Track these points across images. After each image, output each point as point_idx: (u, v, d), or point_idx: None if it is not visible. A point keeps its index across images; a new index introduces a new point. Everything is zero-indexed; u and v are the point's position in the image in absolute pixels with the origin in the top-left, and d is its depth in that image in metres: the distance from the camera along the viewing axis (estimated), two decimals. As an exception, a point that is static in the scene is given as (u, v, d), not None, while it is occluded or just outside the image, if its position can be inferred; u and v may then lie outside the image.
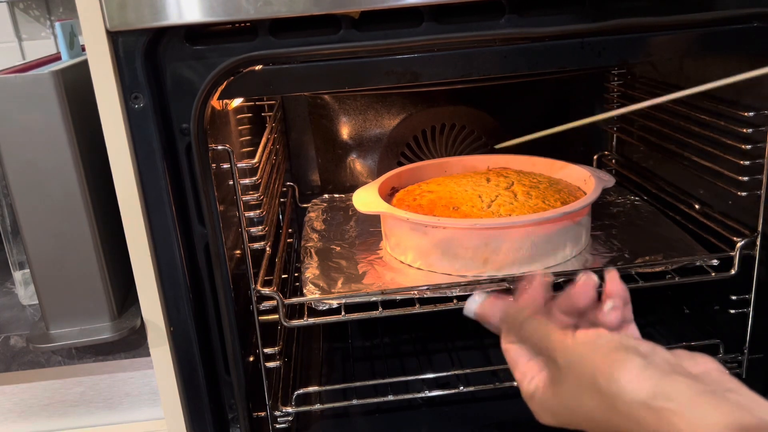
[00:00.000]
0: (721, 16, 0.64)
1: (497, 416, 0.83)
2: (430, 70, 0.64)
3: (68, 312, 0.68)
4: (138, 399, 0.87)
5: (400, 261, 0.86)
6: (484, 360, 0.93)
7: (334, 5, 0.58)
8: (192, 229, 0.67)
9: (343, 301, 0.78)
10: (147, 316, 0.68)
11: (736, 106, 0.81)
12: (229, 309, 0.70)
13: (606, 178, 0.90)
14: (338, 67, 0.63)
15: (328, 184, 1.18)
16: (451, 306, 0.77)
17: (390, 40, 0.62)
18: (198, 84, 0.61)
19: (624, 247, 0.87)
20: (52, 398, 0.86)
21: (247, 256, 0.72)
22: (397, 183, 0.97)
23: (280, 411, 0.80)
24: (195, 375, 0.71)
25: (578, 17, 0.63)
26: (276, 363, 0.77)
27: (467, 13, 0.61)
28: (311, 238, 0.96)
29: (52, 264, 0.66)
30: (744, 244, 0.79)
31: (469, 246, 0.79)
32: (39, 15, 1.11)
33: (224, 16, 0.58)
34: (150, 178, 0.64)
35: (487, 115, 1.14)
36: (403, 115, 1.13)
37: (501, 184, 0.87)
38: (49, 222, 0.65)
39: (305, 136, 1.17)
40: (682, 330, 0.96)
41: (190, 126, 0.62)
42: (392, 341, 0.99)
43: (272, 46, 0.61)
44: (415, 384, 0.86)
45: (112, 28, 0.58)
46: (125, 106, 0.61)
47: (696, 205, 0.91)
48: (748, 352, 0.84)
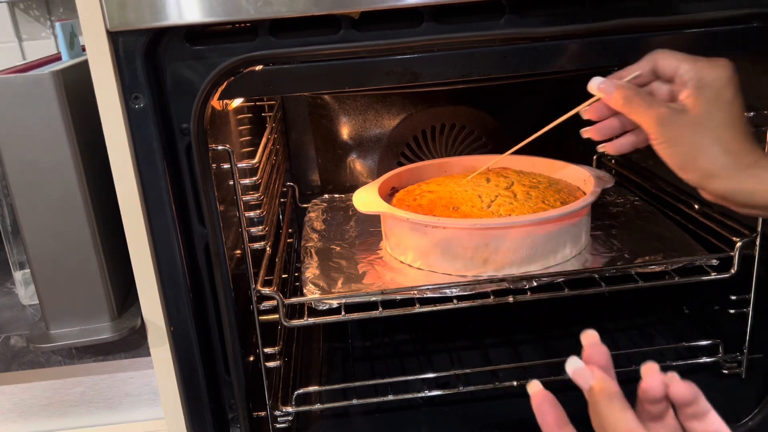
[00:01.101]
0: (721, 16, 0.64)
1: (497, 416, 0.83)
2: (430, 70, 0.64)
3: (68, 312, 0.68)
4: (138, 399, 0.87)
5: (400, 261, 0.86)
6: (484, 360, 0.93)
7: (334, 5, 0.58)
8: (192, 229, 0.67)
9: (343, 301, 0.78)
10: (147, 316, 0.68)
11: (736, 106, 0.80)
12: (229, 309, 0.70)
13: (606, 179, 0.90)
14: (338, 67, 0.63)
15: (328, 184, 1.18)
16: (451, 306, 0.77)
17: (390, 40, 0.62)
18: (198, 84, 0.61)
19: (624, 247, 0.87)
20: (52, 398, 0.86)
21: (247, 256, 0.72)
22: (397, 183, 0.97)
23: (280, 411, 0.80)
24: (195, 375, 0.71)
25: (578, 17, 0.63)
26: (276, 363, 0.77)
27: (467, 13, 0.61)
28: (311, 238, 0.96)
29: (52, 264, 0.66)
30: (743, 244, 0.79)
31: (469, 246, 0.79)
32: (39, 15, 1.11)
33: (224, 16, 0.58)
34: (150, 178, 0.64)
35: (487, 115, 1.14)
36: (403, 115, 1.13)
37: (501, 184, 0.88)
38: (49, 222, 0.65)
39: (305, 136, 1.17)
40: (682, 330, 0.96)
41: (190, 126, 0.62)
42: (392, 341, 0.99)
43: (272, 47, 0.61)
44: (415, 384, 0.86)
45: (113, 28, 0.58)
46: (125, 106, 0.61)
47: (696, 205, 0.91)
48: (747, 351, 0.84)
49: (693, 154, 0.54)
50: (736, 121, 0.54)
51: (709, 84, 0.54)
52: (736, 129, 0.54)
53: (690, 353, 0.88)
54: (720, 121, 0.54)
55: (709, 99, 0.54)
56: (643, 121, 0.57)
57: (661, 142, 0.56)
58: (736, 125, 0.54)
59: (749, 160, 0.53)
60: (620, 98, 0.57)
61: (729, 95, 0.54)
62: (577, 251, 0.85)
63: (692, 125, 0.54)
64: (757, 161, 0.53)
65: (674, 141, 0.55)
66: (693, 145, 0.54)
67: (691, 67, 0.55)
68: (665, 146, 0.56)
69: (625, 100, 0.56)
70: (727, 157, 0.53)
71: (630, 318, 0.99)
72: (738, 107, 0.55)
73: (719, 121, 0.54)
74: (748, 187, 0.53)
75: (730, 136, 0.54)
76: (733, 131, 0.54)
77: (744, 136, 0.54)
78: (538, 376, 0.84)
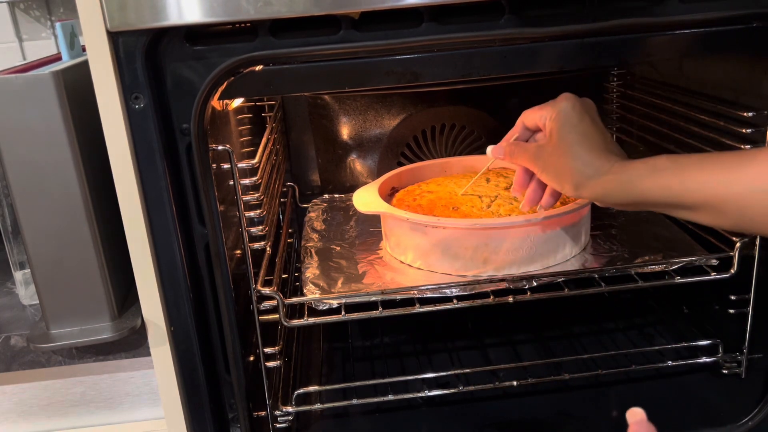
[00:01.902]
0: (721, 16, 0.64)
1: (497, 416, 0.83)
2: (430, 70, 0.64)
3: (69, 312, 0.68)
4: (138, 399, 0.87)
5: (400, 261, 0.86)
6: (484, 360, 0.93)
7: (334, 5, 0.58)
8: (192, 229, 0.67)
9: (343, 301, 0.78)
10: (147, 315, 0.68)
11: (736, 107, 0.81)
12: (229, 309, 0.70)
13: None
14: (338, 67, 0.63)
15: (328, 184, 1.18)
16: (450, 306, 0.77)
17: (390, 41, 0.62)
18: (198, 84, 0.61)
19: (624, 247, 0.87)
20: (52, 398, 0.86)
21: (248, 256, 0.72)
22: (397, 183, 0.97)
23: (280, 410, 0.80)
24: (195, 375, 0.71)
25: (578, 17, 0.63)
26: (276, 363, 0.77)
27: (467, 13, 0.61)
28: (311, 238, 0.96)
29: (53, 264, 0.66)
30: (743, 244, 0.79)
31: (468, 246, 0.79)
32: (39, 15, 1.11)
33: (224, 16, 0.58)
34: (150, 178, 0.64)
35: (487, 115, 1.14)
36: (403, 115, 1.13)
37: (501, 184, 0.88)
38: (49, 222, 0.65)
39: (305, 136, 1.17)
40: (681, 330, 0.96)
41: (191, 126, 0.63)
42: (392, 341, 0.99)
43: (272, 47, 0.61)
44: (415, 384, 0.86)
45: (113, 29, 0.58)
46: (125, 106, 0.61)
47: (696, 205, 0.91)
48: (747, 351, 0.84)
49: (561, 173, 0.65)
50: (587, 138, 0.64)
51: (555, 117, 0.66)
52: (589, 145, 0.64)
53: (690, 353, 0.88)
54: (572, 142, 0.64)
55: (559, 128, 0.65)
56: (524, 162, 0.70)
57: (539, 172, 0.68)
58: (589, 141, 0.64)
59: (605, 168, 0.62)
60: (507, 154, 0.72)
61: (575, 119, 0.65)
62: (577, 251, 0.85)
63: (554, 152, 0.65)
64: (610, 168, 0.62)
65: (545, 168, 0.67)
66: (559, 166, 0.65)
67: (542, 112, 0.68)
68: (542, 174, 0.68)
69: (510, 154, 0.72)
70: (587, 168, 0.63)
71: (630, 318, 0.99)
72: (586, 127, 0.65)
73: (572, 142, 0.64)
74: (607, 190, 0.62)
75: (585, 152, 0.63)
76: (586, 147, 0.63)
77: (599, 148, 0.63)
78: (538, 376, 0.84)
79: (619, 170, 0.61)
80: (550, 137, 0.66)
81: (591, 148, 0.63)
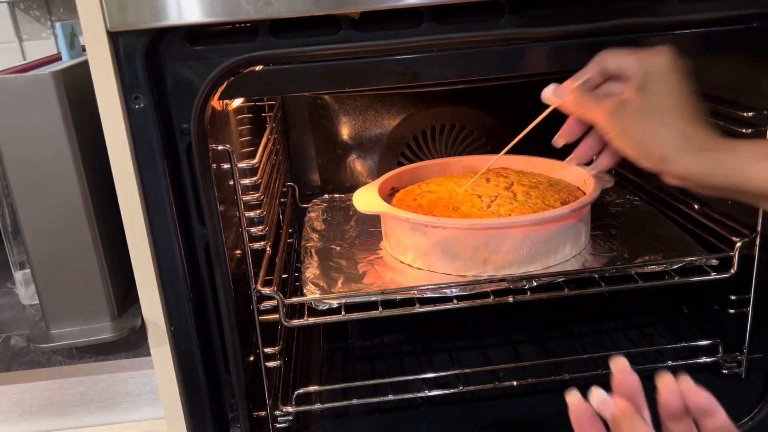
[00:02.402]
0: (721, 16, 0.64)
1: (497, 416, 0.83)
2: (430, 70, 0.64)
3: (68, 312, 0.68)
4: (138, 399, 0.87)
5: (400, 261, 0.86)
6: (484, 360, 0.93)
7: (334, 5, 0.58)
8: (192, 229, 0.68)
9: (343, 301, 0.78)
10: (147, 315, 0.68)
11: (736, 106, 0.81)
12: (229, 309, 0.70)
13: (605, 179, 0.90)
14: (338, 67, 0.63)
15: (328, 184, 1.18)
16: (450, 306, 0.77)
17: (390, 41, 0.62)
18: (198, 84, 0.61)
19: (623, 247, 0.87)
20: (52, 398, 0.86)
21: (248, 256, 0.72)
22: (397, 183, 0.97)
23: (280, 410, 0.80)
24: (195, 375, 0.71)
25: (578, 17, 0.63)
26: (276, 363, 0.77)
27: (467, 13, 0.61)
28: (311, 238, 0.97)
29: (53, 264, 0.66)
30: (743, 244, 0.79)
31: (468, 246, 0.79)
32: (39, 15, 1.11)
33: (224, 16, 0.58)
34: (150, 178, 0.64)
35: (487, 115, 1.14)
36: (403, 115, 1.13)
37: (501, 184, 0.88)
38: (49, 222, 0.65)
39: (305, 136, 1.17)
40: (681, 330, 0.96)
41: (191, 126, 0.63)
42: (392, 341, 0.99)
43: (272, 47, 0.61)
44: (415, 384, 0.86)
45: (113, 29, 0.58)
46: (125, 106, 0.61)
47: (695, 205, 0.91)
48: (747, 351, 0.84)
49: (645, 141, 0.55)
50: (684, 105, 0.55)
51: (651, 72, 0.55)
52: (685, 113, 0.55)
53: (690, 353, 0.88)
54: (667, 107, 0.55)
55: (653, 87, 0.55)
56: (595, 118, 0.59)
57: (614, 135, 0.57)
58: (685, 109, 0.55)
59: (702, 143, 0.54)
60: (572, 101, 0.60)
61: (673, 81, 0.55)
62: (577, 251, 0.85)
63: (640, 113, 0.55)
64: (709, 144, 0.54)
65: (625, 131, 0.56)
66: (644, 132, 0.55)
67: (633, 60, 0.56)
68: (619, 137, 0.57)
69: (575, 102, 0.59)
70: (679, 141, 0.54)
71: (630, 318, 0.99)
72: (685, 92, 0.55)
73: (666, 107, 0.55)
74: (703, 169, 0.53)
75: (680, 120, 0.54)
76: (682, 115, 0.55)
77: (695, 119, 0.55)
78: (538, 376, 0.84)
79: (723, 148, 0.53)
80: (638, 94, 0.55)
81: (688, 117, 0.55)
